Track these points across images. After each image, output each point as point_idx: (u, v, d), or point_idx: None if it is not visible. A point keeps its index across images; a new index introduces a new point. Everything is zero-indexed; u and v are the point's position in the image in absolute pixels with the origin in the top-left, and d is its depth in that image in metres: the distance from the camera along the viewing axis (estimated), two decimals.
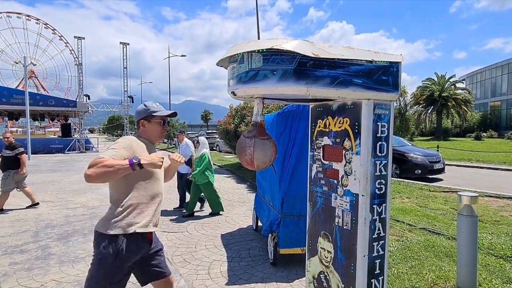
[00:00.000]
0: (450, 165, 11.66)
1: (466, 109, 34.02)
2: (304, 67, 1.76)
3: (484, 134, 31.47)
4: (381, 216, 2.17)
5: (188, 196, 6.31)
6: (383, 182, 2.16)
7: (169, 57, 32.47)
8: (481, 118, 37.12)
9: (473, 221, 2.78)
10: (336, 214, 2.28)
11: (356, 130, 2.11)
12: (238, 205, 6.77)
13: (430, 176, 9.76)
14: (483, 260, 3.41)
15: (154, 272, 2.13)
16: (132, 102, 27.68)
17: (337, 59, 1.84)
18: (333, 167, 2.31)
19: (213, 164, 14.73)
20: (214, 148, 24.26)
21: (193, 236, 4.81)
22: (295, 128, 3.70)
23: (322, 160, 2.43)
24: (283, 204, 3.64)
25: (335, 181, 2.29)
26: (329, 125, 2.35)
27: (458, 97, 34.09)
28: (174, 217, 5.84)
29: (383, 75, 2.03)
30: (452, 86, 36.06)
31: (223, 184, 9.24)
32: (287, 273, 3.54)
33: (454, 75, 37.13)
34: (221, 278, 3.41)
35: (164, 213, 6.08)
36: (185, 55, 25.76)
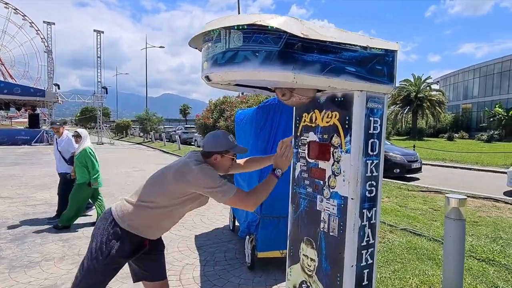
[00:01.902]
0: (426, 164, 11.86)
1: (439, 110, 35.20)
2: (291, 50, 1.50)
3: (456, 135, 32.66)
4: (371, 222, 1.96)
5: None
6: (374, 184, 1.94)
7: (146, 48, 31.38)
8: (453, 120, 38.53)
9: (461, 224, 2.65)
10: (322, 218, 2.05)
11: (347, 126, 1.87)
12: (215, 204, 6.45)
13: (408, 175, 9.85)
14: (466, 263, 3.32)
15: (149, 271, 2.03)
16: (106, 93, 26.55)
17: (329, 42, 1.59)
18: (319, 166, 2.08)
19: None
20: (192, 143, 23.73)
21: (164, 237, 4.46)
22: (277, 123, 3.45)
23: (307, 158, 2.18)
24: (262, 205, 3.39)
25: (321, 182, 2.06)
26: (316, 119, 2.11)
27: (433, 98, 35.20)
28: None
29: (378, 65, 1.80)
30: (428, 88, 37.20)
31: None
32: (265, 278, 3.31)
33: (430, 76, 38.33)
34: (193, 285, 3.13)
35: None
36: (164, 47, 24.93)
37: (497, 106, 31.47)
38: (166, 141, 23.36)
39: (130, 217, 1.80)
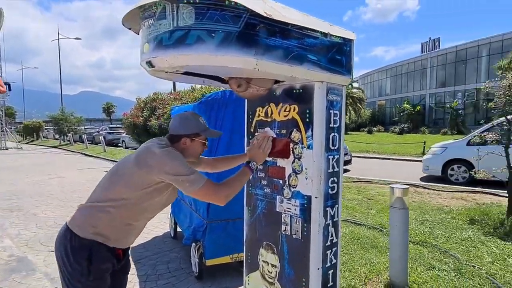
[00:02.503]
0: (354, 156, 12.79)
1: (360, 106, 38.66)
2: (253, 31, 1.29)
3: (374, 128, 36.25)
4: (334, 220, 1.87)
5: None
6: (336, 180, 1.85)
7: (58, 39, 27.88)
8: (371, 115, 42.73)
9: (405, 213, 2.77)
10: (283, 220, 1.89)
11: (307, 119, 1.74)
12: None
13: None
14: None
15: None
16: (10, 90, 22.88)
17: (291, 25, 1.42)
18: (277, 165, 1.91)
19: None
20: (119, 145, 21.88)
21: None
22: (221, 119, 3.21)
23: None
24: (209, 208, 3.12)
25: (281, 182, 1.90)
26: (272, 113, 1.94)
27: (354, 95, 38.47)
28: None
29: (337, 54, 1.70)
30: (350, 85, 40.53)
31: None
32: (216, 287, 3.06)
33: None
34: None
35: (53, 227, 4.88)
36: (80, 38, 22.30)
37: (405, 102, 35.83)
38: (89, 143, 21.12)
39: (92, 224, 1.50)
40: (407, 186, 2.79)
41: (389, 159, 12.99)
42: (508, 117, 4.36)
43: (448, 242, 3.67)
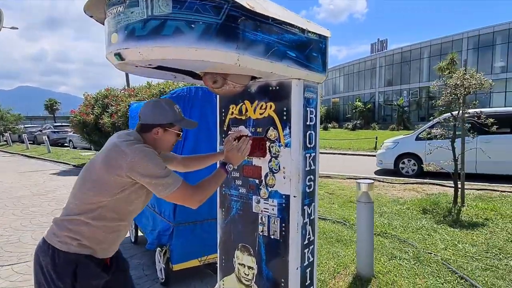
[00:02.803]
0: None
1: None
2: (235, 24, 1.21)
3: (329, 125, 37.74)
4: (311, 218, 1.86)
5: None
6: (312, 178, 1.85)
7: None
8: (326, 112, 44.43)
9: (371, 207, 2.88)
10: (260, 221, 1.84)
11: (285, 117, 1.70)
12: None
13: None
14: None
15: None
16: None
17: (272, 19, 1.37)
18: (253, 164, 1.86)
19: (66, 163, 12.13)
20: (66, 144, 20.29)
21: None
22: (187, 117, 3.06)
23: None
24: (175, 210, 2.97)
25: (257, 181, 1.85)
26: (247, 111, 1.87)
27: None
28: (11, 243, 4.23)
29: (314, 51, 1.69)
30: None
31: None
32: None
33: None
34: None
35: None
36: (17, 28, 20.09)
37: (357, 100, 37.80)
38: (30, 143, 19.28)
39: (75, 237, 1.35)
40: (372, 181, 2.90)
41: (344, 154, 13.58)
42: (454, 113, 4.75)
43: (406, 231, 3.91)
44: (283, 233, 1.75)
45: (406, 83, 34.73)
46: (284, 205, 1.73)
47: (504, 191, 5.75)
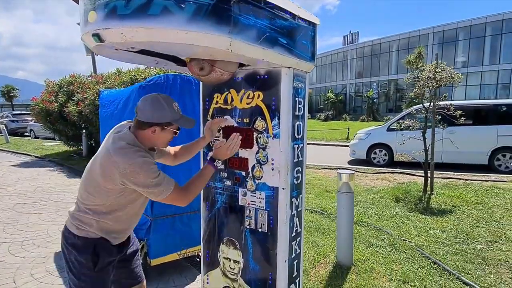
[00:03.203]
0: None
1: None
2: (228, 6, 1.13)
3: None
4: (299, 210, 1.84)
5: None
6: (300, 169, 1.82)
7: None
8: None
9: (351, 197, 2.92)
10: (247, 214, 1.79)
11: (274, 107, 1.65)
12: None
13: None
14: None
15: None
16: None
17: (264, 3, 1.30)
18: (239, 156, 1.79)
19: (28, 154, 11.37)
20: (27, 134, 19.04)
21: (7, 264, 3.29)
22: None
23: None
24: (153, 204, 2.85)
25: (243, 173, 1.79)
26: (232, 100, 1.79)
27: None
28: None
29: (303, 39, 1.64)
30: None
31: (48, 181, 7.13)
32: (164, 287, 2.85)
33: None
34: None
35: None
36: None
37: (329, 91, 38.50)
38: None
39: (86, 228, 1.48)
40: (353, 172, 2.94)
41: (318, 144, 13.82)
42: (425, 105, 4.93)
43: (381, 220, 4.04)
44: (271, 226, 1.71)
45: (375, 76, 35.80)
46: (272, 197, 1.69)
47: (467, 179, 6.10)
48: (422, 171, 6.87)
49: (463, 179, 6.10)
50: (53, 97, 9.94)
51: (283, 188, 1.66)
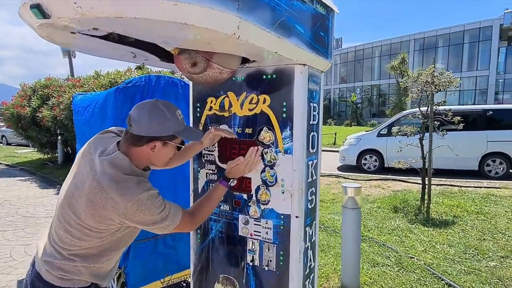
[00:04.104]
0: None
1: None
2: None
3: None
4: (312, 240, 1.50)
5: None
6: (314, 191, 1.49)
7: None
8: None
9: (357, 213, 2.61)
10: (249, 247, 1.43)
11: (284, 115, 1.31)
12: (46, 224, 4.72)
13: None
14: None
15: None
16: None
17: None
18: None
19: (0, 162, 10.56)
20: None
21: None
22: None
23: (218, 163, 1.51)
24: None
25: (245, 196, 1.44)
26: (231, 106, 1.45)
27: None
28: None
29: (321, 29, 1.31)
30: None
31: (17, 193, 6.51)
32: None
33: None
34: None
35: None
36: None
37: None
38: None
39: (72, 277, 1.14)
40: (360, 185, 2.63)
41: None
42: (422, 109, 4.73)
43: (382, 233, 3.76)
44: (281, 263, 1.36)
45: (359, 81, 36.21)
46: (282, 227, 1.35)
47: (461, 186, 5.96)
48: (415, 178, 6.75)
49: (457, 186, 5.95)
50: (26, 101, 9.26)
51: (297, 216, 1.32)
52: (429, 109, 4.56)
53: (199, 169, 1.58)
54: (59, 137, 9.00)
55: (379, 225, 4.02)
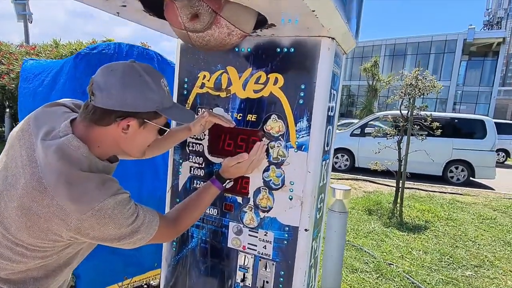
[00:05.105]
0: None
1: None
2: None
3: None
4: (315, 256, 1.25)
5: None
6: (323, 197, 1.23)
7: None
8: None
9: (344, 217, 2.41)
10: (241, 263, 1.15)
11: (301, 101, 1.03)
12: None
13: None
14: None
15: None
16: None
17: None
18: None
19: None
20: None
21: None
22: None
23: (207, 156, 1.20)
24: None
25: (239, 199, 1.14)
26: (230, 84, 1.13)
27: None
28: None
29: None
30: None
31: None
32: None
33: None
34: None
35: None
36: None
37: None
38: None
39: None
40: (349, 188, 2.43)
41: None
42: (403, 112, 4.68)
43: (358, 236, 3.64)
44: (281, 286, 1.09)
45: None
46: (285, 242, 1.08)
47: (428, 191, 6.10)
48: (384, 179, 6.84)
49: (424, 190, 6.07)
50: None
51: (306, 230, 1.05)
52: (409, 112, 4.51)
53: (181, 161, 1.25)
54: (7, 110, 8.07)
55: (354, 227, 3.91)
